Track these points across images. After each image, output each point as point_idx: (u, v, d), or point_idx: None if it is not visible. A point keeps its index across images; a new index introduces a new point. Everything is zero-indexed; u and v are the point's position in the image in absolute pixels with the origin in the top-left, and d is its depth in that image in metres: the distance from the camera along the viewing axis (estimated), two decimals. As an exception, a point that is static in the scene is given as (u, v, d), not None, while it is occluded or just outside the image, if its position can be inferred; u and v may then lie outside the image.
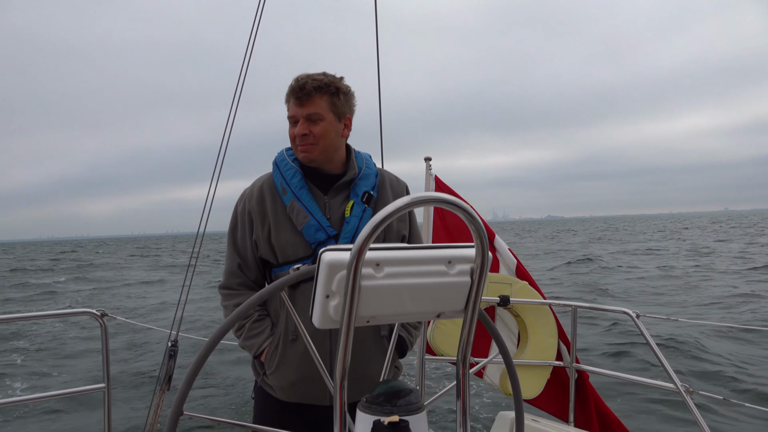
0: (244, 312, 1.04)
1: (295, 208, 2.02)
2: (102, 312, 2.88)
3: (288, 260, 2.05)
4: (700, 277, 20.50)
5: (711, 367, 8.56)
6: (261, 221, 2.07)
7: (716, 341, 10.21)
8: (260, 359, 2.09)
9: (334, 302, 0.95)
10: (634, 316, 3.20)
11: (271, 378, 2.07)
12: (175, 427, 0.97)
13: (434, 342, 3.47)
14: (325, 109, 2.01)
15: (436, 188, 3.85)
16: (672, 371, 2.98)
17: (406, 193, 2.24)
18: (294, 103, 2.01)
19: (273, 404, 2.12)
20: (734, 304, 14.14)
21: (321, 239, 2.00)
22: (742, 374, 8.16)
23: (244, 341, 2.08)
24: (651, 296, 16.24)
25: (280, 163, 2.13)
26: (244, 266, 2.12)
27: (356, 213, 2.04)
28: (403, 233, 2.15)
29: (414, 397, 1.01)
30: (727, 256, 29.08)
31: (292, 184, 2.05)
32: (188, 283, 3.23)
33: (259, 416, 2.20)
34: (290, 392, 2.06)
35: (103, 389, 2.85)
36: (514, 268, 3.82)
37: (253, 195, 2.10)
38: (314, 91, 1.98)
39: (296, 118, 2.01)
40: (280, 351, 2.04)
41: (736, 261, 26.30)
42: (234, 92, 3.10)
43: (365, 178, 2.11)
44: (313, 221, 2.00)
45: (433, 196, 0.90)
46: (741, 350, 9.55)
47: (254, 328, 2.07)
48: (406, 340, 2.15)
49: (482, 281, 1.00)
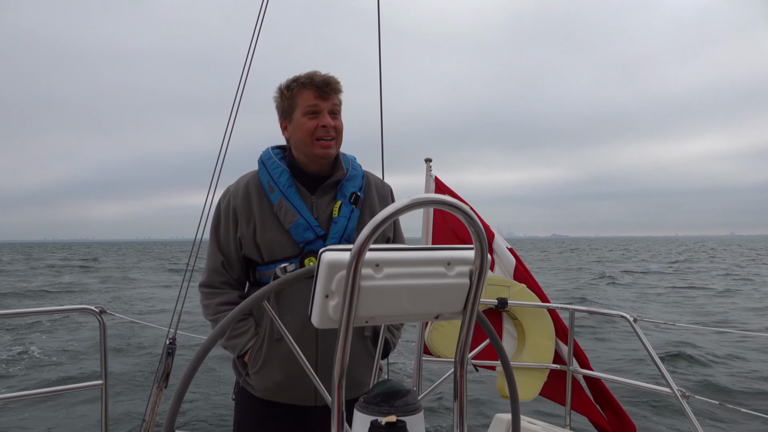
0: (229, 324, 1.02)
1: (282, 207, 2.00)
2: (101, 309, 2.87)
3: (274, 259, 2.02)
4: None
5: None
6: (246, 219, 2.04)
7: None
8: (243, 359, 2.05)
9: (333, 302, 0.95)
10: (632, 320, 3.20)
11: (255, 378, 2.03)
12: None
13: (432, 343, 3.47)
14: (339, 108, 2.05)
15: (436, 189, 3.85)
16: (669, 376, 2.99)
17: (390, 196, 2.24)
18: (316, 95, 1.99)
19: (255, 404, 2.08)
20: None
21: (309, 239, 1.98)
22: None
23: (227, 341, 2.05)
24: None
25: (266, 161, 2.10)
26: (227, 264, 2.09)
27: (344, 213, 2.03)
28: (387, 235, 2.16)
29: (411, 397, 1.02)
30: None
31: (279, 182, 2.03)
32: (186, 284, 3.23)
33: (240, 417, 2.15)
34: (275, 392, 2.03)
35: (101, 386, 2.84)
36: (512, 270, 3.82)
37: (238, 192, 2.07)
38: (335, 88, 2.01)
39: (320, 109, 1.99)
40: (264, 351, 2.01)
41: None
42: (234, 98, 3.10)
43: (352, 179, 2.10)
44: (301, 220, 1.98)
45: (433, 197, 0.90)
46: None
47: (237, 328, 2.03)
48: (390, 341, 2.15)
49: (481, 283, 1.00)
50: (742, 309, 17.05)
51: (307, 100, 2.00)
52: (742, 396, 7.50)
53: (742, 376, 8.30)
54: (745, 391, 7.70)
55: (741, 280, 27.79)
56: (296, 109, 2.02)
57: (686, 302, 19.01)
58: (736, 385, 7.95)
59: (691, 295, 21.21)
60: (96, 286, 26.73)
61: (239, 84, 3.12)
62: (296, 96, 2.02)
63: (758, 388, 7.79)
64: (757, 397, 7.46)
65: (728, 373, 8.53)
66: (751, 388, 7.83)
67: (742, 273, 32.36)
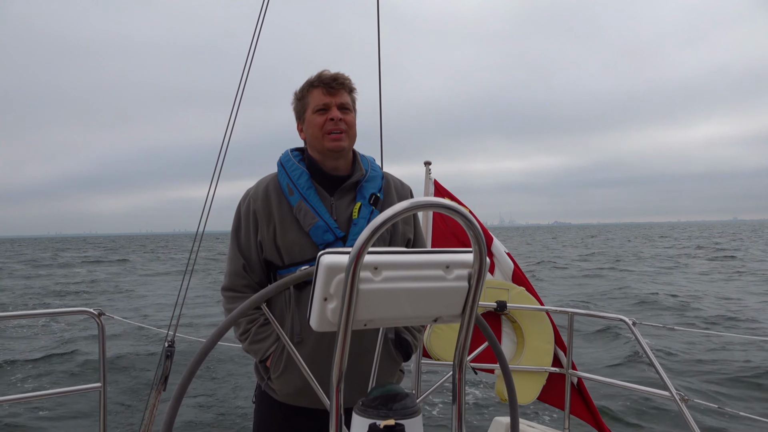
0: (238, 316, 1.04)
1: (302, 209, 2.00)
2: (99, 311, 2.87)
3: (294, 261, 2.02)
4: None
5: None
6: (266, 221, 2.04)
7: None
8: (265, 364, 2.05)
9: (332, 305, 0.96)
10: (630, 323, 3.20)
11: (276, 383, 2.03)
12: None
13: (431, 346, 3.47)
14: (350, 104, 2.07)
15: (436, 193, 3.86)
16: (667, 379, 2.99)
17: (410, 197, 2.23)
18: (324, 92, 2.02)
19: (276, 408, 2.08)
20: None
21: (329, 240, 1.98)
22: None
23: (250, 345, 2.04)
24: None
25: (285, 163, 2.11)
26: (249, 267, 2.09)
27: (364, 215, 2.03)
28: (408, 236, 2.15)
29: (410, 401, 1.02)
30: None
31: (299, 184, 2.03)
32: (186, 285, 3.23)
33: (261, 420, 2.15)
34: (296, 397, 2.03)
35: (99, 388, 2.84)
36: (510, 273, 3.82)
37: (258, 195, 2.08)
38: (344, 84, 2.03)
39: (329, 105, 2.02)
40: (285, 355, 2.00)
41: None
42: (237, 89, 3.10)
43: (371, 180, 2.10)
44: (321, 222, 1.98)
45: (432, 200, 0.90)
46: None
47: (260, 333, 2.03)
48: (411, 343, 2.13)
49: (480, 286, 1.01)
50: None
51: (317, 97, 2.03)
52: (740, 399, 7.49)
53: (740, 379, 8.30)
54: (743, 394, 7.70)
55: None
56: (308, 109, 2.05)
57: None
58: (735, 388, 7.95)
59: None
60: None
61: (242, 75, 3.11)
62: (307, 96, 2.05)
63: (756, 391, 7.79)
64: (756, 400, 7.46)
65: (726, 375, 8.53)
66: (749, 391, 7.83)
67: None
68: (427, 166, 3.85)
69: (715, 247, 50.35)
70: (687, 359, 9.51)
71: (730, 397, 7.57)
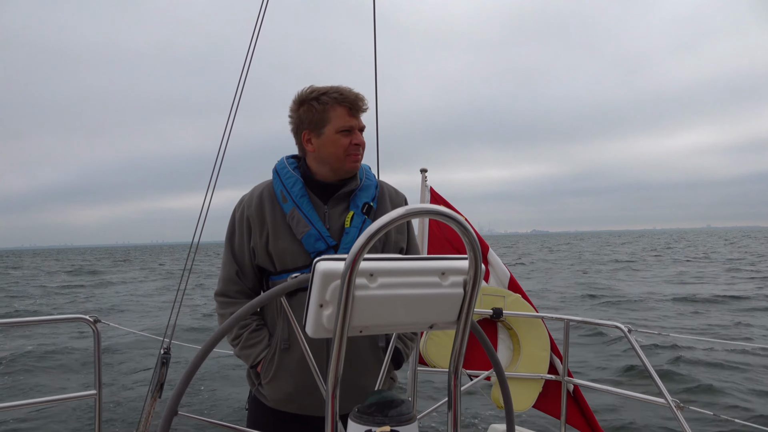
0: (239, 318, 1.05)
1: (295, 216, 2.02)
2: (95, 318, 2.86)
3: (286, 268, 2.04)
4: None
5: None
6: (259, 228, 2.06)
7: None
8: (256, 369, 2.07)
9: (327, 311, 0.96)
10: (626, 330, 3.20)
11: (266, 388, 2.05)
12: (170, 426, 0.97)
13: (427, 353, 3.47)
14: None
15: (432, 200, 3.87)
16: (663, 386, 2.98)
17: (404, 205, 2.24)
18: (350, 114, 2.03)
19: (268, 414, 2.10)
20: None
21: (320, 249, 1.99)
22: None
23: (241, 350, 2.06)
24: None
25: (280, 171, 2.12)
26: (242, 273, 2.11)
27: (356, 224, 2.04)
28: (401, 245, 2.16)
29: (406, 407, 1.02)
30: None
31: (292, 192, 2.05)
32: (182, 287, 3.22)
33: (253, 426, 2.16)
34: (286, 402, 2.04)
35: (94, 396, 2.82)
36: (507, 281, 3.83)
37: (252, 202, 2.10)
38: (365, 106, 2.07)
39: (354, 128, 2.04)
40: (276, 361, 2.02)
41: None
42: (233, 99, 3.09)
43: (365, 189, 2.12)
44: (313, 231, 2.00)
45: (428, 208, 0.91)
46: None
47: (251, 338, 2.05)
48: (402, 351, 2.13)
49: (475, 293, 1.01)
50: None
51: (342, 117, 2.02)
52: (735, 407, 7.49)
53: (737, 386, 8.31)
54: (739, 402, 7.70)
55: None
56: (328, 124, 2.03)
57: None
58: (731, 395, 7.95)
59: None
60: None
61: (238, 83, 3.09)
62: (328, 111, 2.02)
63: (752, 399, 7.79)
64: (751, 408, 7.46)
65: (723, 382, 8.53)
66: (746, 397, 7.83)
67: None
68: (423, 173, 3.86)
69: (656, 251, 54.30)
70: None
71: (726, 404, 7.57)
